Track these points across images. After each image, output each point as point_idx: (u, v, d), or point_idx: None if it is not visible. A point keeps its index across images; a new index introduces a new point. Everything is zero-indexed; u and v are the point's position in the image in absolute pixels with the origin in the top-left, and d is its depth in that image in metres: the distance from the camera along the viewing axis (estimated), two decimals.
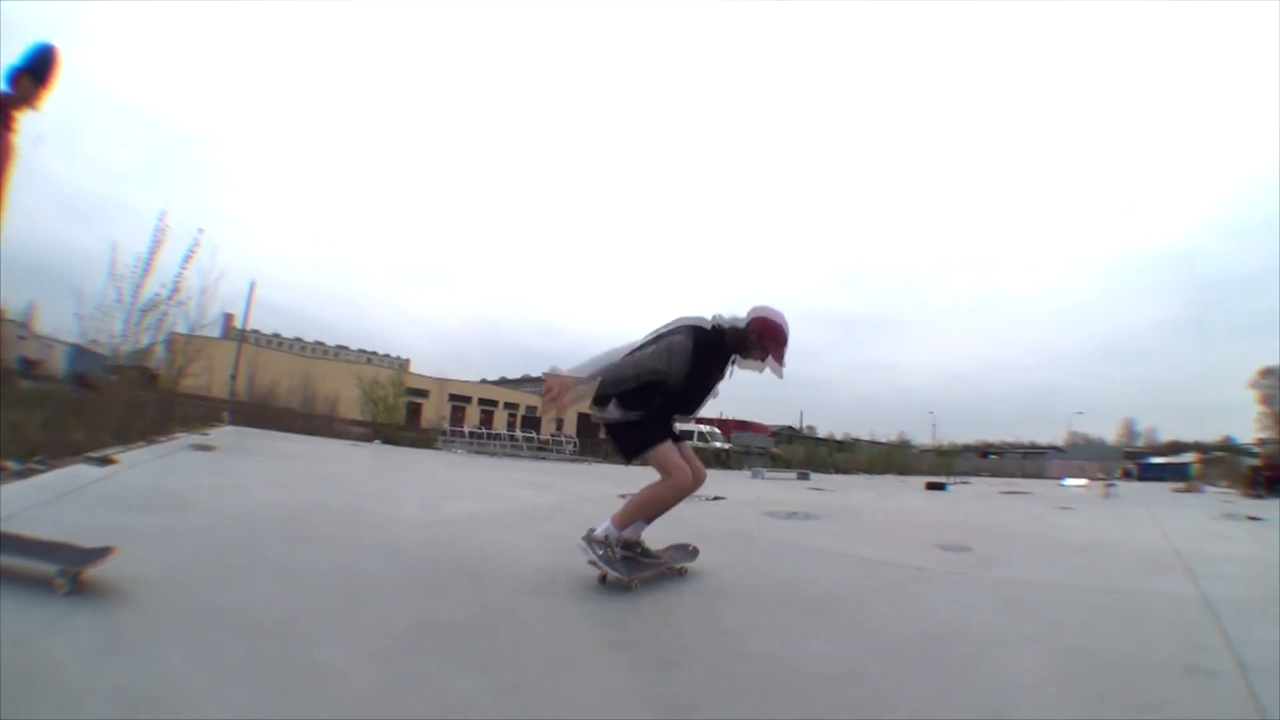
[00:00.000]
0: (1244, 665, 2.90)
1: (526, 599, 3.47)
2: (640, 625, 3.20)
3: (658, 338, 3.97)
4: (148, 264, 11.21)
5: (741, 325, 3.99)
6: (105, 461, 6.75)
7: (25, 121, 3.22)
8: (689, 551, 4.44)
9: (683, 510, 7.90)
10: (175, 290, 11.80)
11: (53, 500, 4.60)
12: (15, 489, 4.78)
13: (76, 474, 5.85)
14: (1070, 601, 4.15)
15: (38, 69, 3.19)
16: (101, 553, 2.92)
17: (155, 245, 11.31)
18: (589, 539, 3.75)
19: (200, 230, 12.39)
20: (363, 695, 2.18)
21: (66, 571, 2.72)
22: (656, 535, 4.18)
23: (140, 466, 7.08)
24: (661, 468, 3.87)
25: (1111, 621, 3.70)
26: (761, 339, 3.97)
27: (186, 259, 11.97)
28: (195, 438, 12.52)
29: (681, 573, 4.22)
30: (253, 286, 38.09)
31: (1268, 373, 66.60)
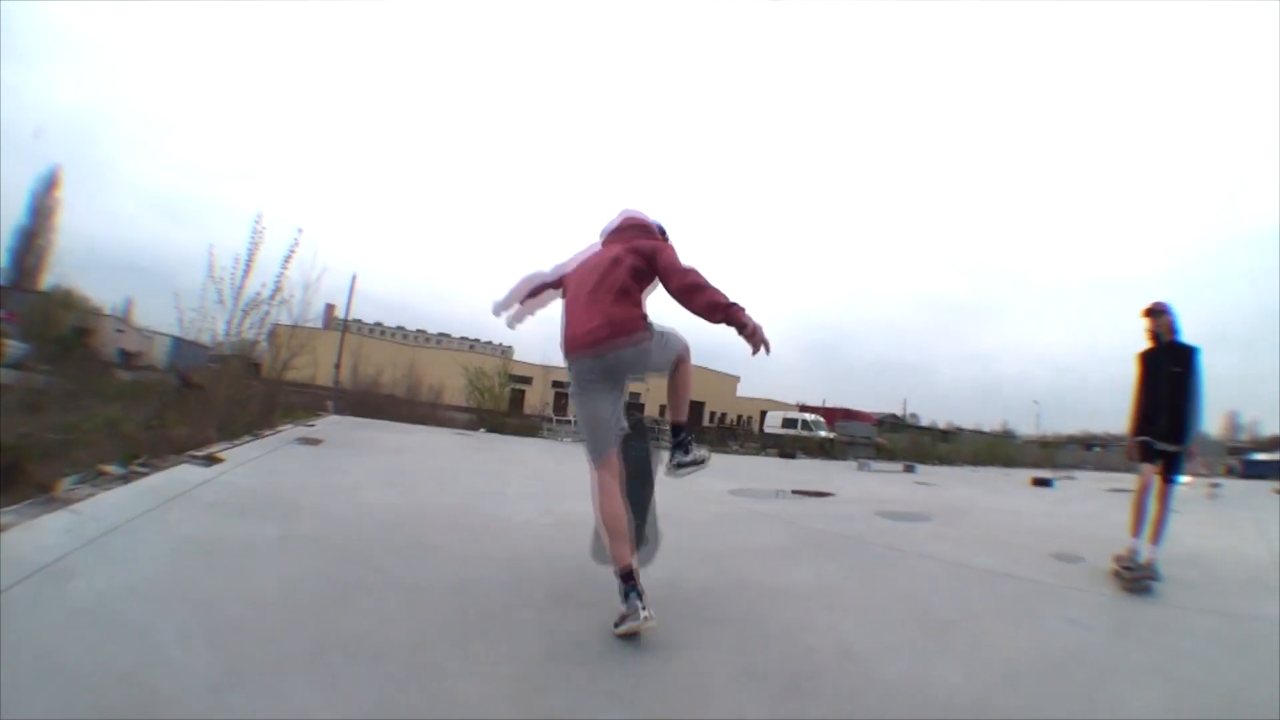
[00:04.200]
0: None
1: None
2: (770, 649, 3.27)
3: None
4: (247, 265, 12.21)
5: None
6: (211, 460, 7.17)
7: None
8: None
9: (793, 508, 9.13)
10: (277, 290, 12.77)
11: (158, 506, 4.89)
12: (119, 495, 5.10)
13: (181, 476, 6.22)
14: (1182, 626, 4.29)
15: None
16: None
17: (254, 246, 12.29)
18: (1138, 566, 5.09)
19: (299, 230, 13.28)
20: None
21: None
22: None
23: (246, 465, 7.52)
24: None
25: (1225, 650, 3.83)
26: None
27: (286, 259, 12.90)
28: (300, 429, 13.39)
29: None
30: (354, 280, 40.20)
31: None
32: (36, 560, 3.31)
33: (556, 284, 4.05)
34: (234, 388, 11.55)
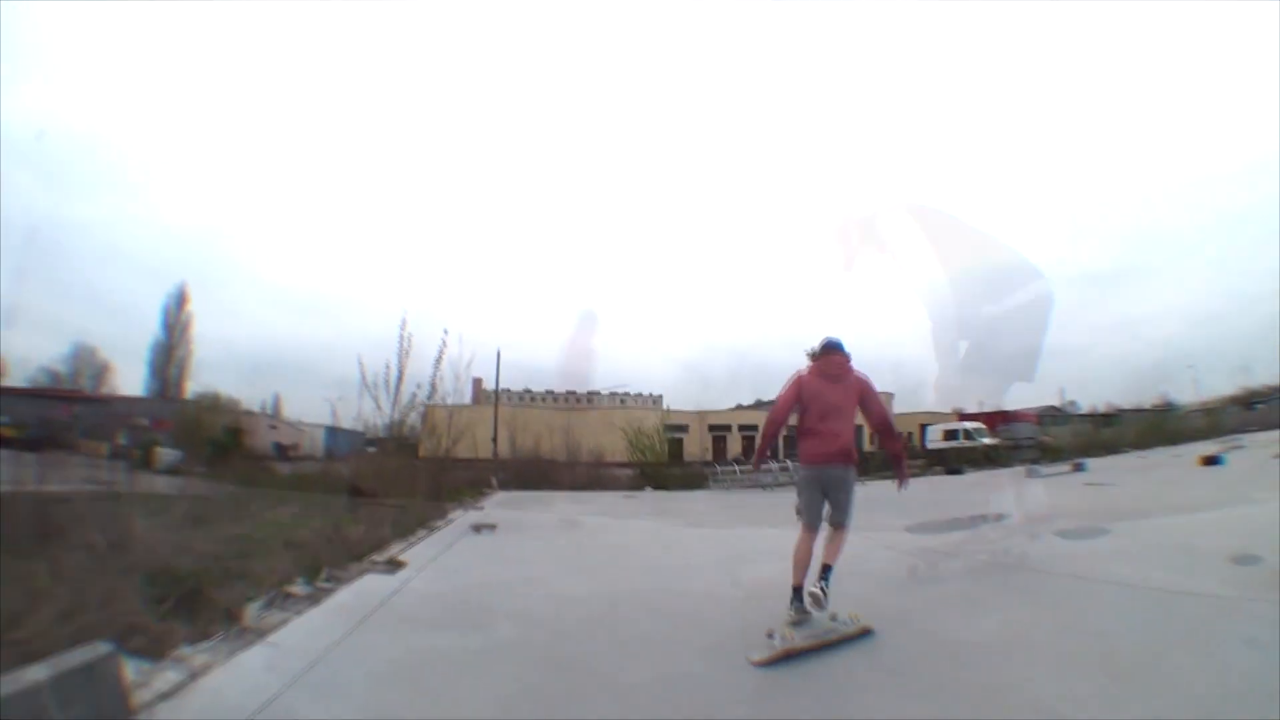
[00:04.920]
0: None
1: (858, 693, 3.68)
2: (969, 714, 3.31)
3: None
4: (399, 374, 13.70)
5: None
6: (393, 565, 7.28)
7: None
8: None
9: (970, 540, 8.70)
10: (433, 391, 14.19)
11: (354, 629, 4.90)
12: (312, 619, 5.15)
13: (369, 587, 6.31)
14: None
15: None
16: None
17: (403, 355, 13.82)
18: None
19: (445, 331, 15.02)
20: None
21: None
22: None
23: (429, 567, 7.62)
24: None
25: None
26: None
27: (438, 361, 14.40)
28: (471, 514, 13.62)
29: None
30: (499, 355, 41.91)
31: None
32: (246, 704, 3.33)
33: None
34: (400, 483, 11.93)
